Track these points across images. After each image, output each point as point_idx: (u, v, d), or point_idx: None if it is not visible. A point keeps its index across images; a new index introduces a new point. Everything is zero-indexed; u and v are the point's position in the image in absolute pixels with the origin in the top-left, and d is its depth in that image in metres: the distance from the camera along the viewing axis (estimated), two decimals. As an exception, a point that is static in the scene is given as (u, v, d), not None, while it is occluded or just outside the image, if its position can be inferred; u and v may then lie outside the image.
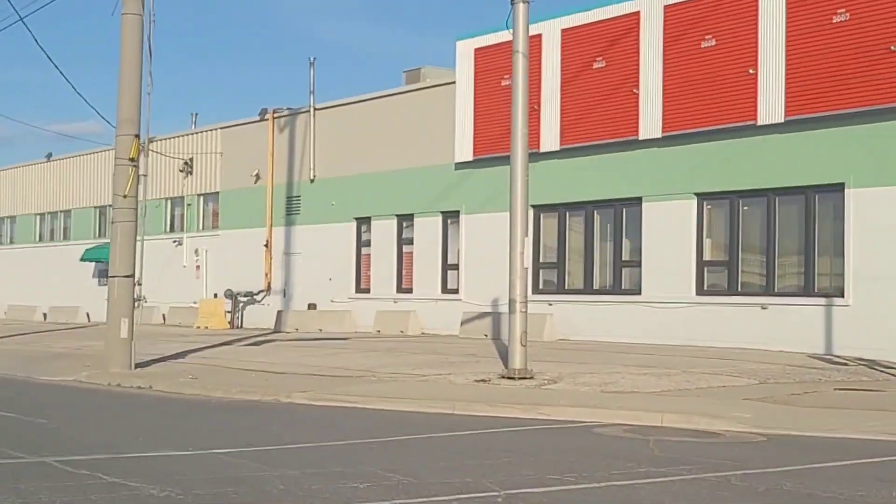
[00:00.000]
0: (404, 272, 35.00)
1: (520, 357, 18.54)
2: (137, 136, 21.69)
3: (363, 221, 36.34)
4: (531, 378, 18.44)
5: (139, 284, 31.18)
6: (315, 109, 38.13)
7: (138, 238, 22.55)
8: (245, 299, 40.48)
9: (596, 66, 28.63)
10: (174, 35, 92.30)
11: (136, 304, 21.77)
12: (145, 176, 37.88)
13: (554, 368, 19.85)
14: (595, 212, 29.29)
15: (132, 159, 21.52)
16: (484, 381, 18.60)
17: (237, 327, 39.93)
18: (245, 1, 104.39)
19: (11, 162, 58.79)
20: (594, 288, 29.27)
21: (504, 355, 23.54)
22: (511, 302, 18.74)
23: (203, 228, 43.68)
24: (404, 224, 35.01)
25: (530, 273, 30.44)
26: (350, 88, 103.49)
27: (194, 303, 41.71)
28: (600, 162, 28.76)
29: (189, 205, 44.18)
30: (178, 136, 44.85)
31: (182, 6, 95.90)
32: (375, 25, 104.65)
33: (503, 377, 18.65)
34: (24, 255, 55.10)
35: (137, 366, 21.60)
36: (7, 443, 11.93)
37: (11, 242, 57.20)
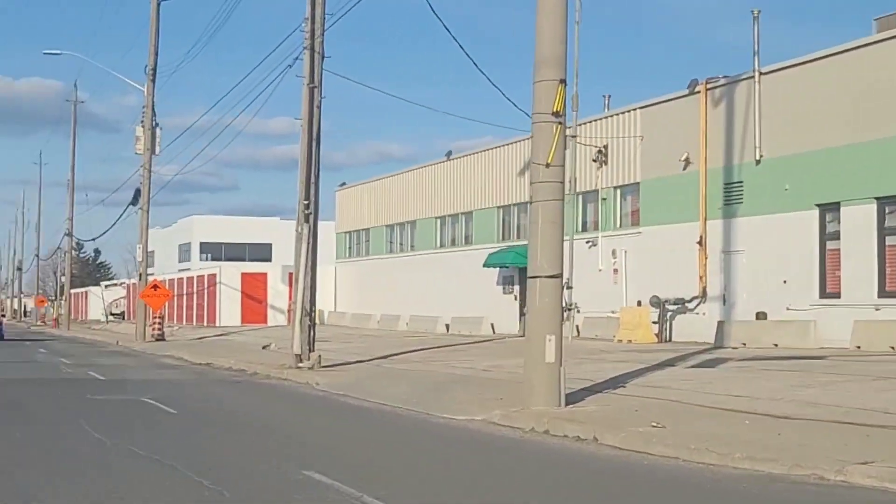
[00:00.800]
0: (889, 271, 27.13)
1: None
2: (563, 81, 15.52)
3: (828, 208, 28.79)
4: None
5: (569, 288, 24.31)
6: (760, 74, 30.90)
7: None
8: (674, 307, 33.91)
9: None
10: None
11: (564, 316, 15.59)
12: (574, 137, 31.00)
13: None
14: None
15: (556, 113, 15.42)
16: None
17: (665, 341, 33.52)
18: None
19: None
20: None
21: None
22: None
23: (621, 226, 37.59)
24: (887, 209, 27.21)
25: None
26: (797, 49, 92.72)
27: (613, 312, 35.69)
28: None
29: (604, 199, 38.15)
30: (589, 122, 38.78)
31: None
32: None
33: None
34: (425, 261, 51.57)
35: (567, 400, 15.47)
36: None
37: (412, 249, 53.91)
